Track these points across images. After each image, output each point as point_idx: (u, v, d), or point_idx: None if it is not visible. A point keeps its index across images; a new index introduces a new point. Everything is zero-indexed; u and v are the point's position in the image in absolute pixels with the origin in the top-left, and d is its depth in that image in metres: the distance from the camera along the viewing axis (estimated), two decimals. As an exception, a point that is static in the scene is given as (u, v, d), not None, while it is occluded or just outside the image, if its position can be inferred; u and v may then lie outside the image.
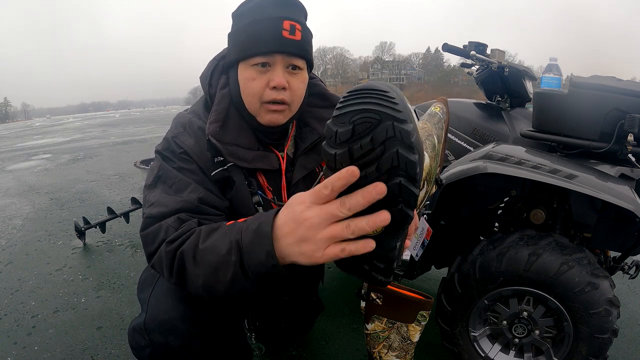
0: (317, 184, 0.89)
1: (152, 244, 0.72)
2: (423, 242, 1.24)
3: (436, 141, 0.76)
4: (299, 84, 0.83)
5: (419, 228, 1.22)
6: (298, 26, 0.79)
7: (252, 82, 0.80)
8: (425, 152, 0.68)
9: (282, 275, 0.57)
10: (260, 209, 0.84)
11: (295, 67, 0.81)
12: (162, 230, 0.72)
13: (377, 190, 0.46)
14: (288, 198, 0.87)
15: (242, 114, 0.85)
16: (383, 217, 0.47)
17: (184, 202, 0.75)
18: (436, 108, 0.85)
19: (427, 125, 0.78)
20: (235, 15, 0.83)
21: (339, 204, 0.47)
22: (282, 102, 0.81)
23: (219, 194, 0.82)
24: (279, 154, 0.88)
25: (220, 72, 0.89)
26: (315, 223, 0.49)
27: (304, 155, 0.90)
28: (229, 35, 0.85)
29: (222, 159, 0.82)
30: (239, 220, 0.65)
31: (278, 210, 0.57)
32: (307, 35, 0.82)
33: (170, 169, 0.81)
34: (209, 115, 0.84)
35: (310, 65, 0.87)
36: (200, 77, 0.91)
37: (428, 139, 0.73)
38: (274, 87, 0.79)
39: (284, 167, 0.89)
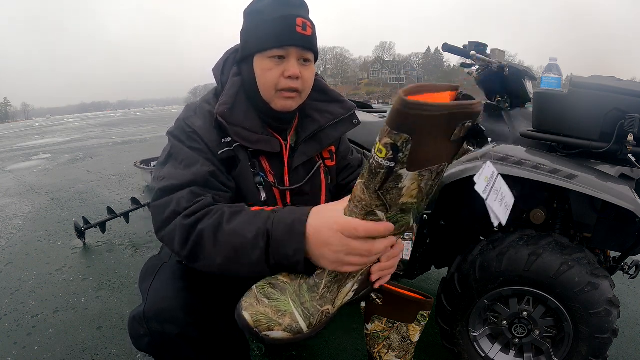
0: (314, 173, 0.95)
1: (162, 214, 0.75)
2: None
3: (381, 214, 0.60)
4: (309, 74, 0.92)
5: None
6: (308, 23, 0.87)
7: (269, 72, 0.87)
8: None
9: (299, 270, 0.65)
10: (261, 188, 0.90)
11: (306, 60, 0.89)
12: (174, 201, 0.74)
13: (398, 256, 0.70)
14: (289, 182, 0.93)
15: (252, 101, 0.92)
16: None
17: (195, 174, 0.79)
18: (380, 152, 0.53)
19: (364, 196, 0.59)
20: (248, 13, 0.90)
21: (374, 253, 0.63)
22: (295, 90, 0.89)
23: (226, 173, 0.87)
24: (282, 141, 0.94)
25: (232, 64, 0.96)
26: (352, 250, 0.62)
27: (304, 143, 0.96)
28: (242, 31, 0.91)
29: (229, 139, 0.88)
30: (265, 208, 0.71)
31: (308, 213, 0.65)
32: (315, 31, 0.91)
33: (180, 147, 0.86)
34: (219, 99, 0.91)
35: (316, 58, 0.94)
36: (213, 69, 0.98)
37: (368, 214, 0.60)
38: (289, 77, 0.87)
39: (286, 153, 0.95)
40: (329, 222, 0.62)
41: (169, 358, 0.86)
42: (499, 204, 0.75)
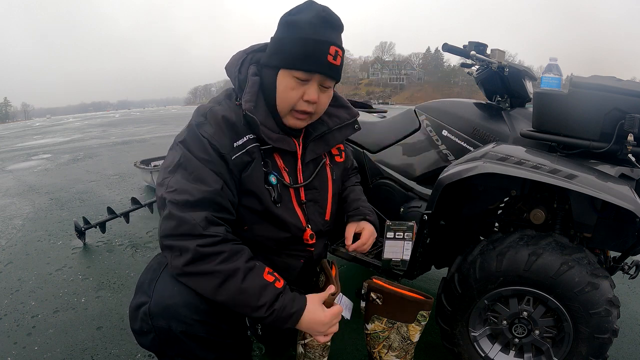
0: (320, 168, 1.06)
1: (176, 229, 0.80)
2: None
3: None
4: (326, 99, 0.97)
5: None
6: (340, 52, 0.90)
7: (290, 91, 0.91)
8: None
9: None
10: (270, 188, 0.94)
11: (327, 86, 0.93)
12: (189, 224, 0.80)
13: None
14: (303, 178, 1.00)
15: (268, 105, 0.95)
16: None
17: (205, 193, 0.83)
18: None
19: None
20: (285, 23, 0.91)
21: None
22: (308, 113, 0.94)
23: (234, 186, 0.90)
24: (295, 140, 1.00)
25: (249, 63, 0.98)
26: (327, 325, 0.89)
27: (313, 142, 1.03)
28: (275, 39, 0.93)
29: (241, 143, 0.90)
30: (276, 284, 0.84)
31: (304, 305, 0.85)
32: (344, 59, 0.94)
33: (190, 157, 0.86)
34: (242, 96, 0.93)
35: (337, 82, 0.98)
36: (226, 67, 1.00)
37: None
38: (307, 101, 0.91)
39: (300, 151, 1.01)
40: (313, 318, 0.86)
41: (172, 355, 0.87)
42: None
